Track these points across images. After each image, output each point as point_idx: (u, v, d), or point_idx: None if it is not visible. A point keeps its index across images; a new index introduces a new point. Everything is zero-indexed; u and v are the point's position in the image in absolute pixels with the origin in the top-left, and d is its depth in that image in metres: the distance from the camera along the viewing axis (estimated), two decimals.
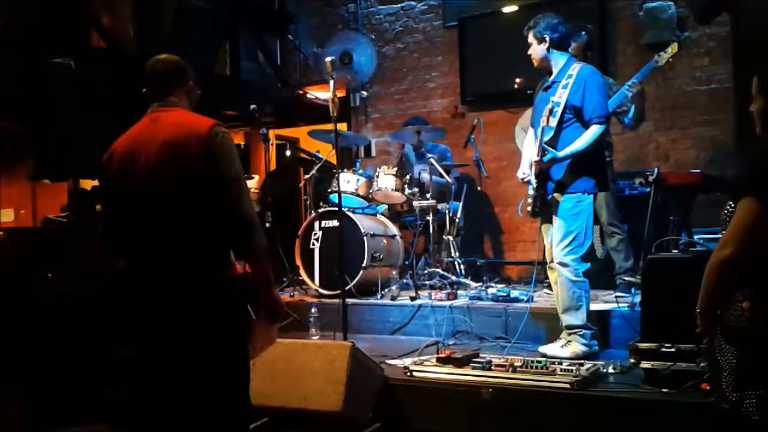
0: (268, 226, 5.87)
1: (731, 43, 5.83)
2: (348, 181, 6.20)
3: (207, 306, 2.63)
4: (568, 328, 4.27)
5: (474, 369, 3.90)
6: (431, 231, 6.08)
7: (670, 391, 3.45)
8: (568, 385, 3.58)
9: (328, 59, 4.86)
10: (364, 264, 5.76)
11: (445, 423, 3.86)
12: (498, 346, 4.75)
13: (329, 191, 6.28)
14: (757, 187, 2.26)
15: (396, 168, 6.35)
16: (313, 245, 6.03)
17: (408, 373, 4.02)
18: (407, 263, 6.25)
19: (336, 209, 5.69)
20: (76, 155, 5.54)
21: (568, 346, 4.24)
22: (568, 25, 4.37)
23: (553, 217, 4.26)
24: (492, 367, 3.87)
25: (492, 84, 7.29)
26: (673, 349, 3.49)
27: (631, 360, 3.70)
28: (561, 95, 4.18)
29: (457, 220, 6.38)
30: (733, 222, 2.30)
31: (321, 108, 7.85)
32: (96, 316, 4.91)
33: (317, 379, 3.74)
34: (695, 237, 4.67)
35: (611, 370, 3.89)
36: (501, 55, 6.98)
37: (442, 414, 3.86)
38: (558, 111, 4.17)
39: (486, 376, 3.83)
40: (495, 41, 7.17)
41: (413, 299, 5.49)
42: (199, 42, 6.62)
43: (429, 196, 6.08)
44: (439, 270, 6.04)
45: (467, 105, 7.56)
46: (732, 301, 2.33)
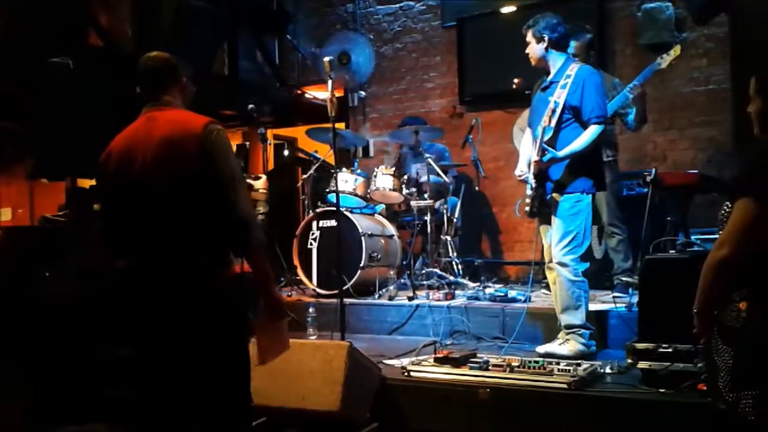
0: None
1: (729, 44, 5.84)
2: (346, 181, 6.20)
3: (205, 305, 2.62)
4: (567, 327, 4.27)
5: (471, 369, 3.90)
6: (429, 231, 6.07)
7: (667, 392, 3.45)
8: (565, 386, 3.58)
9: (326, 59, 4.86)
10: (361, 264, 5.76)
11: (443, 423, 3.86)
12: (495, 346, 4.75)
13: (327, 191, 6.28)
14: (755, 188, 2.26)
15: (394, 168, 6.35)
16: (311, 245, 6.03)
17: (405, 373, 4.02)
18: (405, 263, 6.25)
19: (334, 209, 5.70)
20: (74, 154, 5.54)
21: (566, 345, 4.25)
22: (567, 25, 4.38)
23: (552, 217, 4.26)
24: (489, 367, 3.87)
25: (490, 84, 7.29)
26: (671, 350, 3.50)
27: (629, 360, 3.70)
28: (560, 95, 4.18)
29: (455, 220, 6.39)
30: (730, 222, 2.30)
31: (319, 108, 7.85)
32: (94, 315, 4.91)
33: (315, 379, 3.74)
34: (692, 237, 4.68)
35: (608, 370, 3.89)
36: (499, 56, 6.98)
37: (439, 414, 3.86)
38: (557, 111, 4.18)
39: (483, 376, 3.83)
40: (493, 42, 7.17)
41: (411, 299, 5.49)
42: (198, 41, 6.61)
43: (427, 196, 6.07)
44: (437, 270, 6.04)
45: (465, 105, 7.56)
46: (729, 302, 2.34)
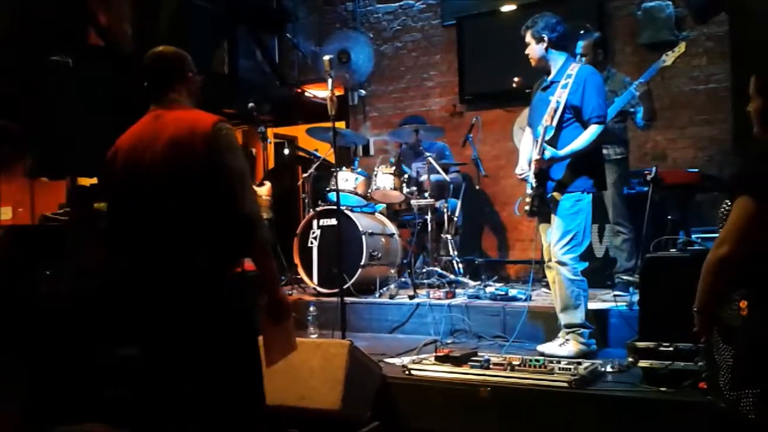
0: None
1: (729, 43, 5.83)
2: (346, 180, 6.20)
3: (212, 304, 2.61)
4: (566, 326, 4.27)
5: (472, 368, 3.91)
6: (429, 230, 6.08)
7: (668, 390, 3.46)
8: (566, 384, 3.59)
9: (326, 58, 4.87)
10: (362, 262, 5.76)
11: (443, 422, 3.86)
12: (496, 344, 4.76)
13: (327, 190, 6.28)
14: (754, 186, 2.26)
15: (394, 167, 6.35)
16: (312, 244, 6.03)
17: (406, 372, 4.02)
18: (405, 262, 6.25)
19: (334, 208, 5.70)
20: (74, 153, 5.54)
21: (566, 344, 4.25)
22: (566, 25, 4.38)
23: (552, 216, 4.27)
24: (490, 366, 3.88)
25: (490, 83, 7.29)
26: (671, 348, 3.50)
27: (629, 359, 3.71)
28: (560, 95, 4.18)
29: (456, 218, 6.39)
30: (730, 220, 2.30)
31: (319, 106, 7.87)
32: (94, 314, 4.92)
33: (315, 378, 3.74)
34: (693, 236, 4.67)
35: (609, 369, 3.90)
36: (499, 55, 6.98)
37: (440, 413, 3.86)
38: (558, 111, 4.18)
39: (484, 374, 3.83)
40: (493, 40, 7.17)
41: (411, 298, 5.49)
42: (198, 40, 6.61)
43: (427, 194, 6.07)
44: (438, 269, 6.04)
45: (465, 104, 7.56)
46: (729, 300, 2.34)
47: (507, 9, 7.23)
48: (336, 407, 3.65)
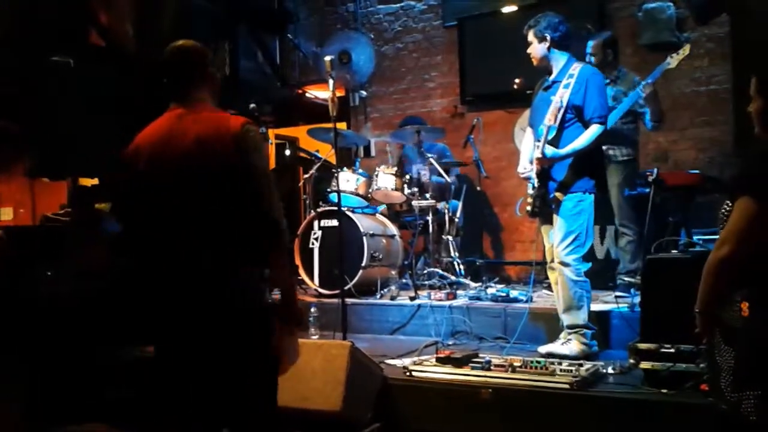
0: None
1: (730, 44, 5.83)
2: (347, 181, 6.20)
3: (237, 305, 2.56)
4: (569, 327, 4.27)
5: (473, 369, 3.90)
6: (430, 231, 6.08)
7: (669, 392, 3.45)
8: (567, 386, 3.58)
9: (327, 58, 4.87)
10: (363, 264, 5.76)
11: (445, 423, 3.86)
12: (497, 346, 4.75)
13: (328, 190, 6.28)
14: (755, 187, 2.26)
15: (395, 167, 6.35)
16: (313, 245, 6.03)
17: (407, 373, 4.02)
18: (406, 263, 6.25)
19: (335, 209, 5.69)
20: (75, 153, 5.54)
21: (567, 344, 4.24)
22: (568, 25, 4.38)
23: (554, 217, 4.26)
24: (491, 367, 3.87)
25: (491, 84, 7.29)
26: (673, 350, 3.50)
27: (631, 360, 3.70)
28: (562, 95, 4.18)
29: (457, 219, 6.38)
30: (731, 221, 2.30)
31: (320, 107, 7.86)
32: (96, 314, 4.92)
33: (316, 379, 3.73)
34: (694, 237, 4.67)
35: (611, 370, 3.89)
36: (500, 55, 6.98)
37: (441, 414, 3.86)
38: (560, 110, 4.17)
39: (485, 376, 3.83)
40: (494, 41, 7.18)
41: (412, 299, 5.48)
42: (199, 41, 6.60)
43: (428, 195, 6.07)
44: (439, 270, 6.04)
45: (467, 105, 7.56)
46: (730, 302, 2.34)
47: (508, 10, 7.23)
48: (337, 408, 3.64)
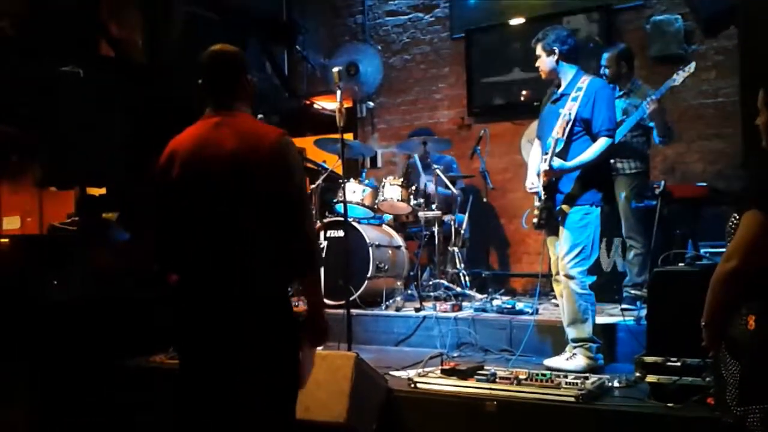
0: None
1: (738, 57, 5.81)
2: (354, 191, 6.20)
3: (268, 321, 2.52)
4: (573, 341, 4.25)
5: (478, 381, 3.88)
6: (436, 242, 6.06)
7: (675, 406, 3.42)
8: (573, 399, 3.56)
9: (335, 69, 4.88)
10: (369, 274, 5.75)
11: None
12: (503, 358, 4.73)
13: (335, 201, 6.28)
14: (763, 200, 2.25)
15: (402, 179, 6.35)
16: None
17: (412, 385, 4.00)
18: (412, 274, 6.24)
19: (341, 219, 5.70)
20: (83, 163, 5.57)
21: (573, 359, 4.22)
22: (576, 38, 4.39)
23: (560, 229, 4.25)
24: (496, 380, 3.85)
25: (498, 96, 7.30)
26: (679, 364, 3.47)
27: (637, 374, 3.68)
28: (571, 107, 4.18)
29: (463, 231, 6.37)
30: (738, 235, 2.29)
31: (328, 118, 7.88)
32: (103, 321, 4.94)
33: (321, 390, 3.72)
34: (702, 250, 4.65)
35: (616, 383, 3.86)
36: (508, 68, 6.99)
37: (445, 426, 3.84)
38: (569, 123, 4.17)
39: (490, 388, 3.80)
40: (502, 53, 7.20)
41: (418, 310, 5.47)
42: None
43: (434, 207, 6.07)
44: (444, 281, 6.02)
45: (473, 117, 7.56)
46: (737, 315, 2.32)
47: (515, 22, 7.24)
48: (341, 419, 3.63)
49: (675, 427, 3.35)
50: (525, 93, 6.66)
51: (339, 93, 4.82)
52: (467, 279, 6.16)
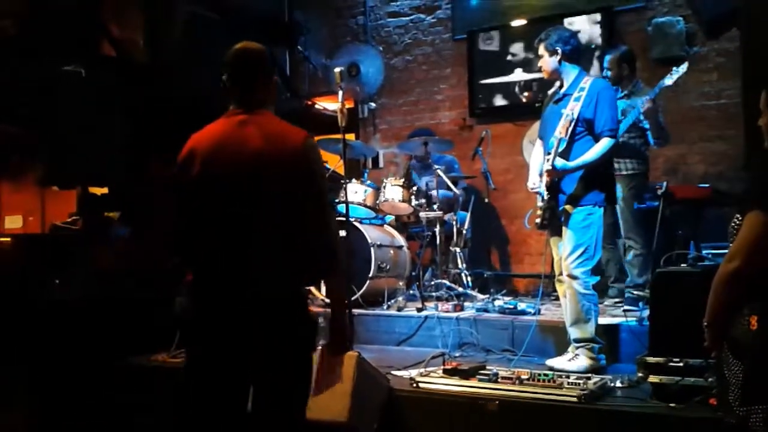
0: None
1: (740, 59, 5.81)
2: (355, 192, 6.21)
3: (288, 322, 2.50)
4: (576, 341, 4.25)
5: (480, 381, 3.88)
6: (438, 242, 6.07)
7: (677, 406, 3.42)
8: (575, 399, 3.56)
9: (337, 70, 4.89)
10: (370, 274, 5.76)
11: None
12: (505, 358, 4.73)
13: (336, 201, 6.28)
14: (765, 201, 2.26)
15: (403, 179, 6.35)
16: None
17: (414, 385, 4.00)
18: (414, 274, 6.24)
19: (343, 219, 5.69)
20: (85, 162, 5.58)
21: (576, 359, 4.22)
22: (578, 38, 4.39)
23: (563, 230, 4.25)
24: (498, 380, 3.86)
25: (500, 97, 7.32)
26: (682, 364, 3.47)
27: (639, 374, 3.68)
28: (573, 108, 4.18)
29: (465, 231, 6.38)
30: (741, 235, 2.30)
31: (329, 119, 7.87)
32: (104, 321, 4.94)
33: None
34: (704, 252, 4.65)
35: (619, 384, 3.86)
36: (509, 69, 6.99)
37: (447, 426, 3.84)
38: (571, 123, 4.17)
39: (492, 388, 3.81)
40: (503, 54, 7.21)
41: (420, 310, 5.47)
42: (209, 52, 6.66)
43: (436, 207, 6.07)
44: (446, 281, 6.02)
45: (475, 118, 7.56)
46: (739, 315, 2.32)
47: (517, 23, 7.25)
48: (343, 419, 3.63)
49: (677, 428, 3.36)
50: (527, 94, 6.65)
51: (340, 93, 4.84)
52: (469, 279, 6.16)
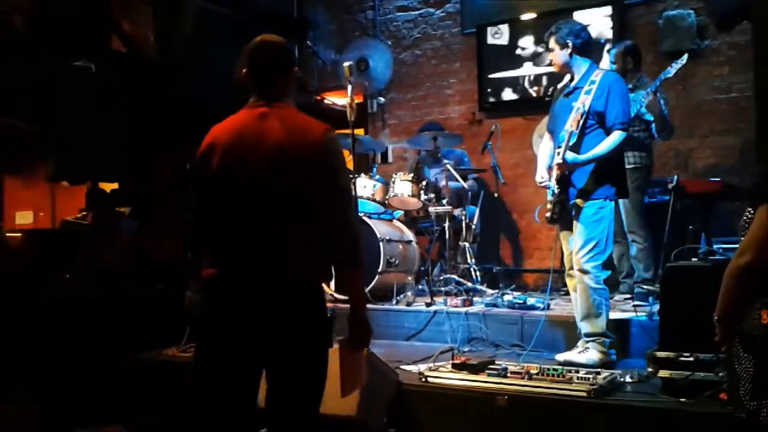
0: None
1: (752, 52, 5.77)
2: (364, 187, 6.21)
3: (306, 315, 2.49)
4: (586, 335, 4.23)
5: (489, 376, 3.87)
6: (447, 237, 6.06)
7: (688, 401, 3.41)
8: (584, 394, 3.55)
9: (346, 64, 4.88)
10: (379, 269, 5.76)
11: (460, 430, 3.84)
12: (514, 353, 4.72)
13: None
14: None
15: (412, 174, 6.35)
16: None
17: (423, 379, 4.00)
18: (423, 269, 6.24)
19: None
20: (95, 158, 5.60)
21: (585, 353, 4.20)
22: (589, 32, 4.37)
23: (574, 224, 4.23)
24: (507, 375, 3.84)
25: (509, 91, 7.30)
26: (692, 359, 3.46)
27: (649, 369, 3.67)
28: (584, 101, 4.16)
29: (474, 226, 6.36)
30: (752, 229, 2.28)
31: (338, 113, 7.87)
32: (112, 317, 4.96)
33: (332, 384, 3.71)
34: (714, 246, 4.63)
35: (629, 379, 3.85)
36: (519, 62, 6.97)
37: (456, 420, 3.83)
38: (582, 116, 4.15)
39: (501, 383, 3.80)
40: (513, 48, 7.20)
41: (428, 305, 5.47)
42: (219, 48, 6.67)
43: (445, 201, 6.07)
44: (455, 276, 6.02)
45: (484, 112, 7.55)
46: (750, 309, 2.31)
47: (527, 17, 7.22)
48: (352, 413, 3.63)
49: (687, 423, 3.34)
50: (536, 88, 6.62)
51: (349, 88, 4.83)
52: (478, 274, 6.15)
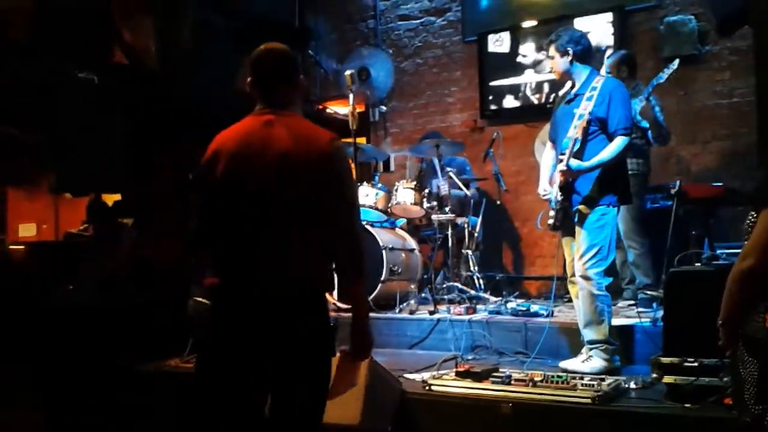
0: None
1: (753, 57, 5.78)
2: (367, 195, 6.21)
3: (309, 330, 2.47)
4: (590, 342, 4.22)
5: (493, 383, 3.86)
6: (450, 245, 6.06)
7: (692, 406, 3.39)
8: (589, 400, 3.53)
9: (347, 73, 4.90)
10: (382, 278, 5.75)
11: None
12: (517, 361, 4.70)
13: None
14: None
15: (415, 182, 6.35)
16: None
17: (426, 387, 3.98)
18: (426, 277, 6.23)
19: None
20: (98, 169, 5.60)
21: (589, 360, 4.19)
22: (589, 39, 4.37)
23: (577, 230, 4.22)
24: (511, 382, 3.83)
25: (511, 98, 7.31)
26: (696, 364, 3.44)
27: (653, 375, 3.65)
28: (586, 107, 4.16)
29: (476, 234, 6.36)
30: (755, 233, 2.27)
31: (340, 122, 7.89)
32: (116, 327, 4.96)
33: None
34: (717, 251, 4.62)
35: (633, 385, 3.83)
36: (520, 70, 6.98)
37: (460, 428, 3.82)
38: (585, 123, 4.15)
39: (505, 390, 3.78)
40: (514, 56, 7.22)
41: (432, 313, 5.46)
42: (220, 57, 6.69)
43: (448, 209, 6.06)
44: (458, 284, 6.01)
45: (486, 119, 7.55)
46: (754, 313, 2.30)
47: (528, 25, 7.24)
48: (355, 422, 3.62)
49: (692, 428, 3.32)
50: (537, 96, 6.64)
51: (351, 97, 4.85)
52: (481, 282, 6.14)
